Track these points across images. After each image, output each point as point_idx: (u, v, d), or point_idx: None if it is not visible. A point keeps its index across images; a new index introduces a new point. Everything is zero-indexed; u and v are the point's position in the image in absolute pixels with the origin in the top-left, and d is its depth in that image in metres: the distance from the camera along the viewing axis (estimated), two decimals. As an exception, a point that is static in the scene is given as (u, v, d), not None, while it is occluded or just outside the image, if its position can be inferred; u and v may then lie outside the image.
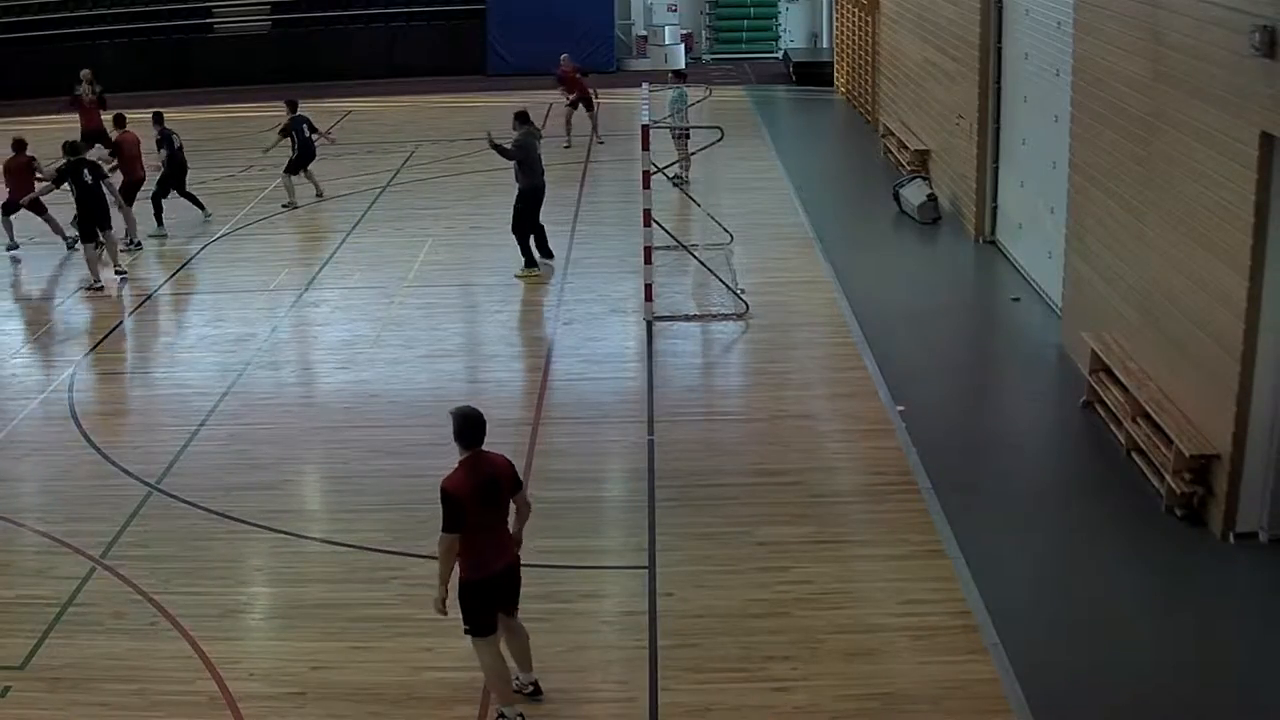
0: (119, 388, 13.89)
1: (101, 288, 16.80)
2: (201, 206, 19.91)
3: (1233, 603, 9.14)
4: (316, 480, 11.77)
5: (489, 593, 7.82)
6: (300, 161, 20.89)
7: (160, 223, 19.29)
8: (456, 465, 7.69)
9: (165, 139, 19.49)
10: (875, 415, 12.24)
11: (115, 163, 18.86)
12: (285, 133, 20.67)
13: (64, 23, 33.48)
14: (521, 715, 7.97)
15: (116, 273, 17.22)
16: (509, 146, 16.63)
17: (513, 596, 8.04)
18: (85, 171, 16.93)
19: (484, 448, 7.76)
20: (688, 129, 20.77)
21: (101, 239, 16.91)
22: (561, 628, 8.94)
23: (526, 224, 16.74)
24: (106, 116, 21.13)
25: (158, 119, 19.88)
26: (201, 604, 9.34)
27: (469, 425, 7.67)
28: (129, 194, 18.90)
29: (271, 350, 14.58)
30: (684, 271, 16.48)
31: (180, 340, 15.24)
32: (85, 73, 23.20)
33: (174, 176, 19.66)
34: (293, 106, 21.08)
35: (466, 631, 7.89)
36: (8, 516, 10.80)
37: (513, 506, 7.94)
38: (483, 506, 7.63)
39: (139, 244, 18.67)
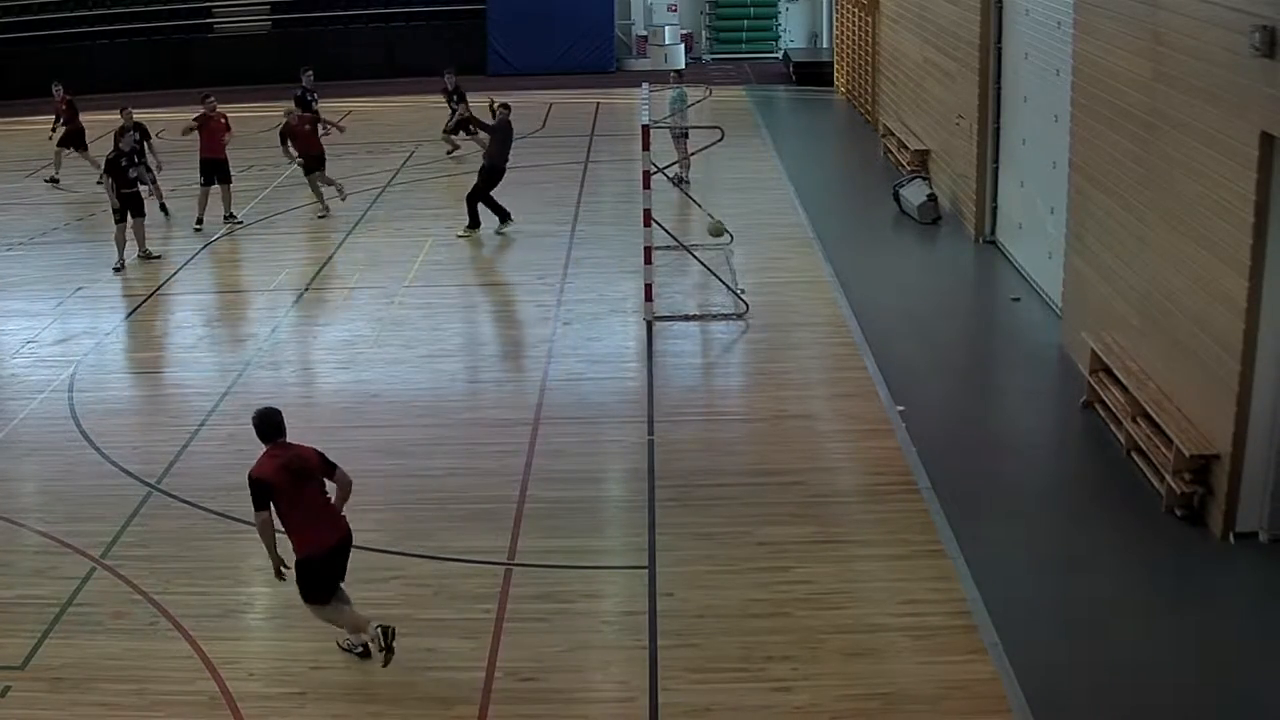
0: (119, 388, 13.89)
1: (121, 268, 17.46)
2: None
3: (1233, 603, 9.15)
4: (316, 480, 11.76)
5: (324, 568, 8.44)
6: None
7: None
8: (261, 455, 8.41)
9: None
10: (875, 415, 12.24)
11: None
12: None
13: (64, 23, 33.47)
14: (381, 630, 8.27)
15: (140, 256, 17.87)
16: (492, 123, 18.36)
17: (344, 568, 8.60)
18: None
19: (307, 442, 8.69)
20: (687, 129, 20.77)
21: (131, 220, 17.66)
22: (561, 628, 8.95)
23: (478, 195, 18.40)
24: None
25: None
26: (201, 604, 9.35)
27: (266, 423, 8.55)
28: (217, 171, 19.61)
29: (271, 350, 14.58)
30: (684, 271, 16.48)
31: (180, 340, 15.24)
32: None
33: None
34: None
35: (306, 601, 8.48)
36: (8, 516, 10.80)
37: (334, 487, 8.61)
38: (294, 484, 8.30)
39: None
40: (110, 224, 17.72)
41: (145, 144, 20.05)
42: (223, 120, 19.92)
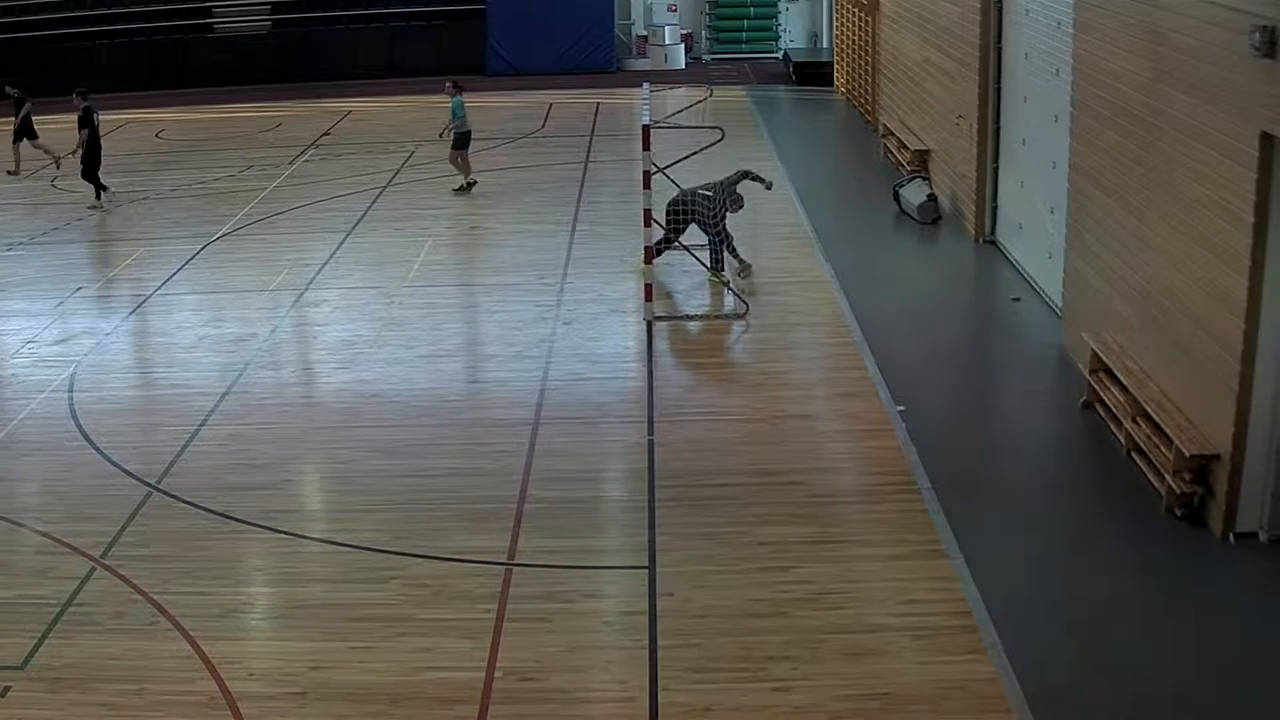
0: (119, 388, 13.88)
1: None
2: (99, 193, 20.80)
3: (1233, 603, 9.14)
4: (316, 480, 11.77)
5: None
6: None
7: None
8: None
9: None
10: (875, 415, 12.24)
11: None
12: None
13: (64, 23, 33.47)
14: None
15: None
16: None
17: None
18: None
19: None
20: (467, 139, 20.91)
21: None
22: (561, 628, 8.95)
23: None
24: None
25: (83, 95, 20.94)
26: (201, 604, 9.34)
27: None
28: None
29: (271, 350, 14.58)
30: (684, 271, 16.47)
31: (180, 340, 15.24)
32: None
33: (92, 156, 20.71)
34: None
35: None
36: (8, 516, 10.80)
37: None
38: None
39: None
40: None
41: None
42: None
